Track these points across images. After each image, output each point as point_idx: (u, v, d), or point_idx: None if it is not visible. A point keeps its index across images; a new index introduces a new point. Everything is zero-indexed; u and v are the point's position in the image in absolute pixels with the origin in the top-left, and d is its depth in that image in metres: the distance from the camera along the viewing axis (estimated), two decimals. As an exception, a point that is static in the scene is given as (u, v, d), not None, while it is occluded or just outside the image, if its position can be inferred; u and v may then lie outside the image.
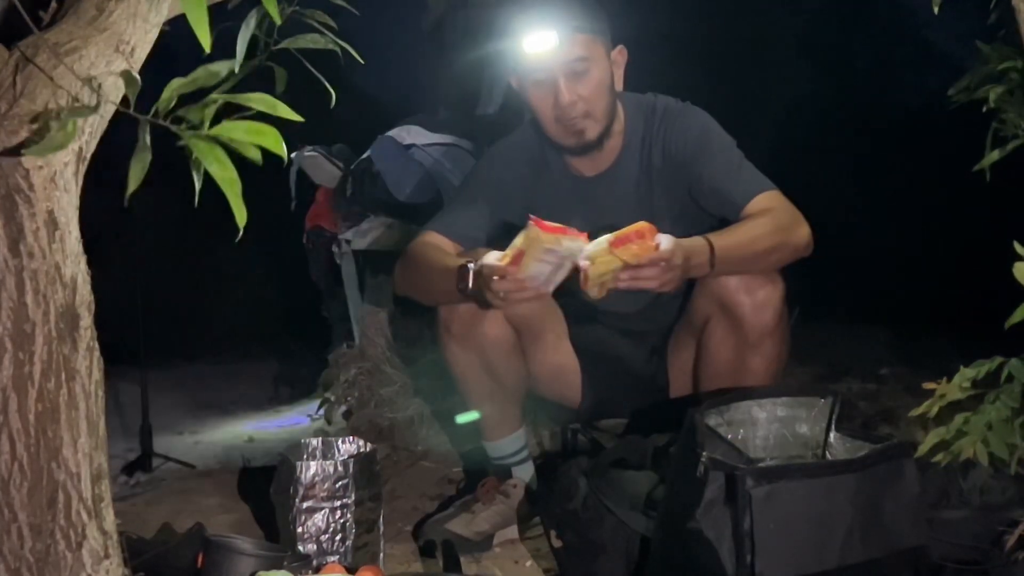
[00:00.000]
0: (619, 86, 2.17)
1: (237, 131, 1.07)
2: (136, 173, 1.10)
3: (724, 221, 2.08)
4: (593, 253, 1.77)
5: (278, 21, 1.16)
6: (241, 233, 1.12)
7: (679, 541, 1.54)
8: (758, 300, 2.00)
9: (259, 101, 1.10)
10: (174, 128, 1.08)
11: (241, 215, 1.10)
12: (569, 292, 2.30)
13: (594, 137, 2.13)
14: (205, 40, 1.05)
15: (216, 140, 1.07)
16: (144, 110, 1.10)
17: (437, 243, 2.15)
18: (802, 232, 2.03)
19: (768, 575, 1.46)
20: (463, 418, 2.39)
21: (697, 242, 1.91)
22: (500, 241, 2.00)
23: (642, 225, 1.79)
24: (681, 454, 1.59)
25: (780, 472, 1.53)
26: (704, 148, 2.13)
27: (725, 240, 1.95)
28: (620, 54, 2.16)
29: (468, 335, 2.15)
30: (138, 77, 1.21)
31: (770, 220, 2.01)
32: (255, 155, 1.08)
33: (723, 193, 2.09)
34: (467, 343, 2.16)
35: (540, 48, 2.04)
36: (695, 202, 2.15)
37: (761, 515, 1.45)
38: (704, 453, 1.51)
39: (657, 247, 1.78)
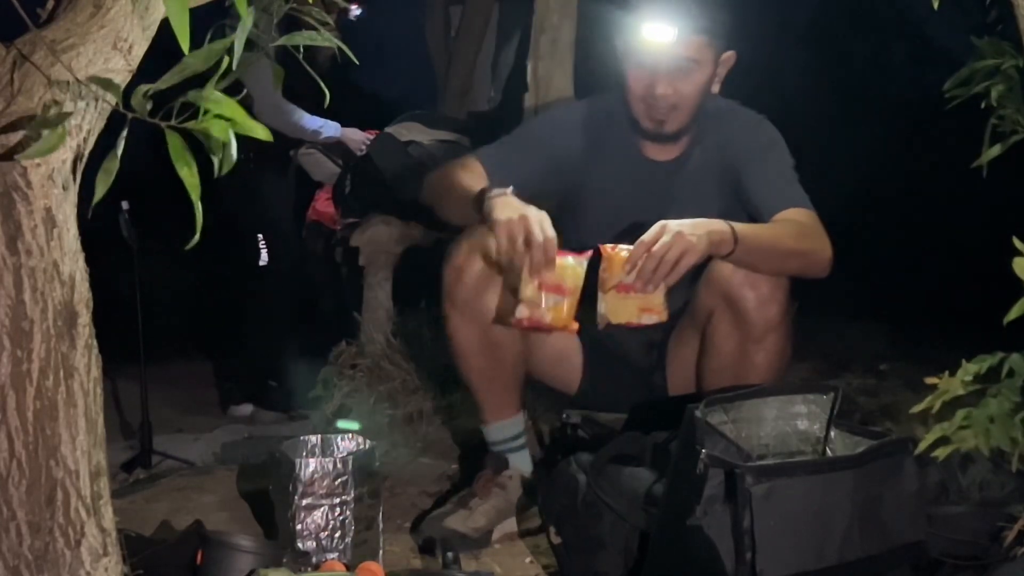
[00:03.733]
0: (715, 89, 2.21)
1: (216, 126, 1.07)
2: (103, 181, 1.10)
3: None
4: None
5: (246, 19, 1.15)
6: (197, 237, 1.13)
7: (679, 538, 1.54)
8: (763, 295, 2.01)
9: (227, 108, 1.09)
10: (160, 123, 1.08)
11: (199, 218, 1.12)
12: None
13: (673, 130, 2.18)
14: (184, 41, 1.05)
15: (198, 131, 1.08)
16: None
17: (471, 166, 2.18)
18: (827, 252, 2.05)
19: (768, 572, 1.46)
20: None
21: (715, 221, 1.93)
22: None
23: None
24: (681, 451, 1.59)
25: (779, 469, 1.53)
26: (763, 158, 2.18)
27: (746, 227, 1.98)
28: (729, 58, 2.20)
29: (471, 306, 2.14)
30: (119, 83, 1.21)
31: (797, 227, 2.06)
32: (247, 124, 1.08)
33: (758, 200, 2.13)
34: (470, 315, 2.15)
35: (656, 38, 2.07)
36: (740, 207, 2.18)
37: (761, 512, 1.45)
38: (703, 450, 1.51)
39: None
